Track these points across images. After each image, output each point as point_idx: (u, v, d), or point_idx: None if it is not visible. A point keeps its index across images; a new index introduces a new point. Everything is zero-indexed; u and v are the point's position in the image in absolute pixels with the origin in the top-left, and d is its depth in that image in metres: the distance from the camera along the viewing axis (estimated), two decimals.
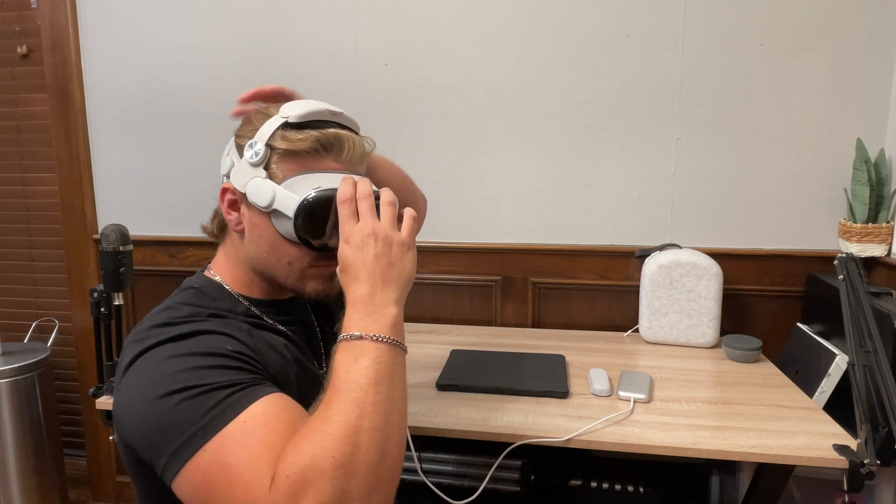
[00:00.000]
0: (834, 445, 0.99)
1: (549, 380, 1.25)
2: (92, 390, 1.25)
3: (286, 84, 1.83)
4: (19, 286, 2.20)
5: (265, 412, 0.59)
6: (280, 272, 0.74)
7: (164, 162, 1.86)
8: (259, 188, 0.70)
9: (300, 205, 0.68)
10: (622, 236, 1.67)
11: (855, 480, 0.95)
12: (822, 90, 1.53)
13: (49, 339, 2.07)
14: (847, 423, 1.07)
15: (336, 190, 0.69)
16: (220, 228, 0.79)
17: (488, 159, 1.70)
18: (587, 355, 1.45)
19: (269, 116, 0.73)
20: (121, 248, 1.23)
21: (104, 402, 1.23)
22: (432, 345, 1.52)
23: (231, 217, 0.75)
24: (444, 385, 1.24)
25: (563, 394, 1.20)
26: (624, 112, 1.62)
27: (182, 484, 0.58)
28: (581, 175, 1.67)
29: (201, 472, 0.57)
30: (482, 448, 1.14)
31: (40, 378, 1.93)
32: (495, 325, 1.75)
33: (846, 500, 1.00)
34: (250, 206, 0.72)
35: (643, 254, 1.59)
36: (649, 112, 1.61)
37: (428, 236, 1.73)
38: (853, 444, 0.99)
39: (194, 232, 2.12)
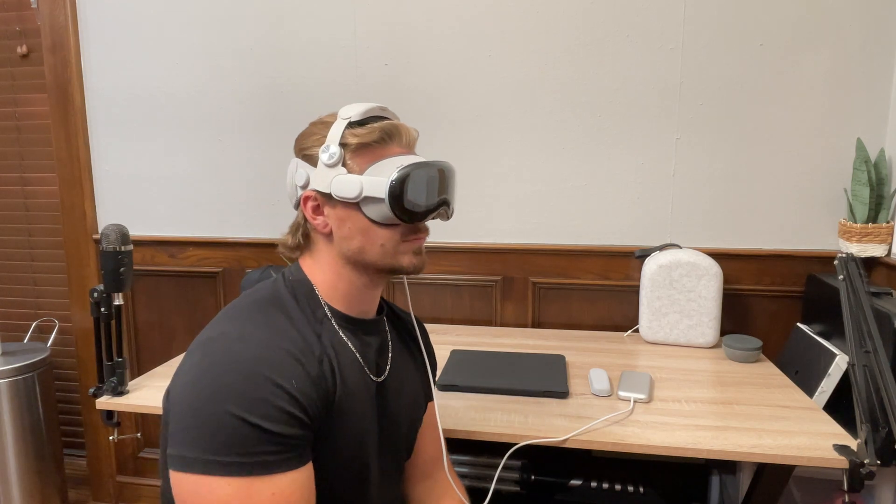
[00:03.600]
0: (834, 445, 0.99)
1: (549, 380, 1.25)
2: (92, 390, 1.25)
3: (284, 82, 1.83)
4: (19, 286, 2.20)
5: (291, 495, 0.66)
6: (375, 255, 0.79)
7: (164, 162, 1.86)
8: (344, 183, 0.76)
9: (391, 184, 0.75)
10: (622, 236, 1.67)
11: (855, 480, 0.95)
12: (822, 90, 1.53)
13: (49, 339, 2.07)
14: (847, 423, 1.07)
15: (415, 165, 0.77)
16: (305, 238, 0.83)
17: (488, 159, 1.70)
18: (587, 355, 1.45)
19: (330, 124, 0.79)
20: (121, 248, 1.22)
21: (104, 402, 1.23)
22: (432, 345, 1.52)
23: (318, 221, 0.79)
24: (444, 385, 1.24)
25: (563, 394, 1.20)
26: (624, 112, 1.62)
27: (185, 485, 0.64)
28: (581, 175, 1.67)
29: (212, 495, 0.63)
30: (482, 448, 1.14)
31: (40, 378, 1.93)
32: (495, 325, 1.75)
33: (846, 500, 1.00)
34: (335, 204, 0.78)
35: (643, 254, 1.59)
36: (649, 112, 1.61)
37: (428, 236, 1.73)
38: (853, 444, 0.99)
39: (194, 232, 2.12)
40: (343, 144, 0.77)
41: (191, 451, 0.64)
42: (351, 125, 0.78)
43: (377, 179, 0.76)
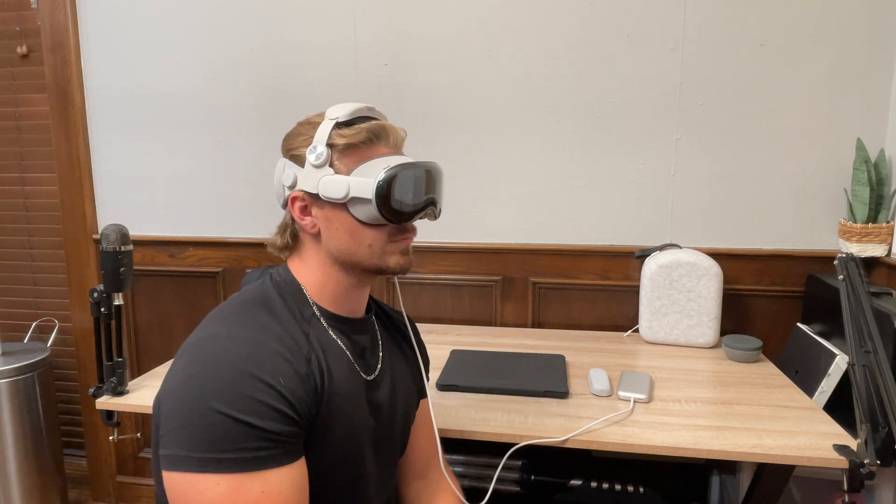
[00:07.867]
0: (834, 445, 0.99)
1: (549, 380, 1.25)
2: (92, 390, 1.25)
3: (284, 82, 1.83)
4: (19, 286, 2.20)
5: (280, 493, 0.66)
6: (363, 256, 0.79)
7: (163, 162, 1.86)
8: (332, 183, 0.76)
9: (378, 184, 0.75)
10: (622, 236, 1.67)
11: (855, 480, 0.95)
12: (822, 90, 1.53)
13: (49, 339, 2.07)
14: (847, 423, 1.07)
15: (403, 165, 0.77)
16: (293, 238, 0.84)
17: (488, 159, 1.70)
18: (587, 355, 1.45)
19: (318, 124, 0.79)
20: (121, 248, 1.22)
21: (104, 402, 1.23)
22: (432, 345, 1.51)
23: (306, 221, 0.80)
24: (444, 385, 1.24)
25: (563, 394, 1.20)
26: (624, 112, 1.62)
27: (176, 484, 0.65)
28: (581, 175, 1.67)
29: (202, 495, 0.63)
30: (482, 448, 1.14)
31: (40, 378, 1.93)
32: (495, 325, 1.75)
33: (846, 500, 1.00)
34: (323, 204, 0.78)
35: (643, 254, 1.59)
36: (649, 112, 1.61)
37: (428, 236, 1.73)
38: (853, 444, 0.99)
39: (194, 232, 2.12)
40: (330, 145, 0.77)
41: (181, 450, 0.64)
42: (338, 125, 0.78)
43: (364, 180, 0.76)
